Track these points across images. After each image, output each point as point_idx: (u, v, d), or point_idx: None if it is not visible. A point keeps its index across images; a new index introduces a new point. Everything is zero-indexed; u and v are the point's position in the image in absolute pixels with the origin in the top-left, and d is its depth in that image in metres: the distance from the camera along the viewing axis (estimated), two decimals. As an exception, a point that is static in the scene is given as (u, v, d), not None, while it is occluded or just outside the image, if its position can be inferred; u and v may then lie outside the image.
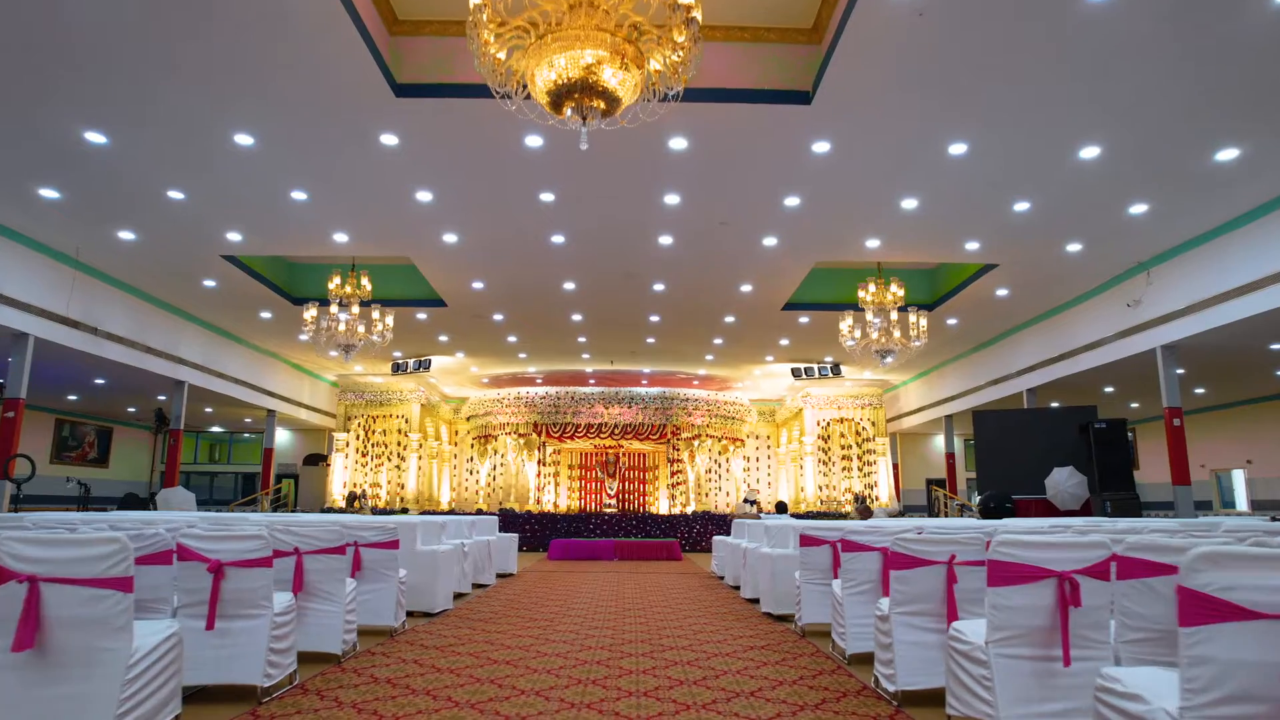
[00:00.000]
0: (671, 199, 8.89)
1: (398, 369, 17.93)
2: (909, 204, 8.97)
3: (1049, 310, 13.16)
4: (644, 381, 20.14)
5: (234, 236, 10.03)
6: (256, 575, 3.28)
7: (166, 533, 3.20)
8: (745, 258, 10.88)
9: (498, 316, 14.07)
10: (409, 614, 6.05)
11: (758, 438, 22.43)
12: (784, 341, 15.82)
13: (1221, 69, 6.16)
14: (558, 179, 8.44)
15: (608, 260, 11.06)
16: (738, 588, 8.36)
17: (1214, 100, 6.66)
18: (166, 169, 8.11)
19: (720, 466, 21.99)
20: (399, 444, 19.90)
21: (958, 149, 7.61)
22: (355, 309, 11.45)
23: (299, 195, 8.78)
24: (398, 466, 19.86)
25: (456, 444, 22.38)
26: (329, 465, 19.81)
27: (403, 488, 19.53)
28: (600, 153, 7.79)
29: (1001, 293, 12.38)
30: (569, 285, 12.19)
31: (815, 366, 17.91)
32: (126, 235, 9.91)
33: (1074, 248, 10.24)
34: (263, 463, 17.77)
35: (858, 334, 11.89)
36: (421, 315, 14.08)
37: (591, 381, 20.16)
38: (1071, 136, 7.35)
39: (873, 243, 10.30)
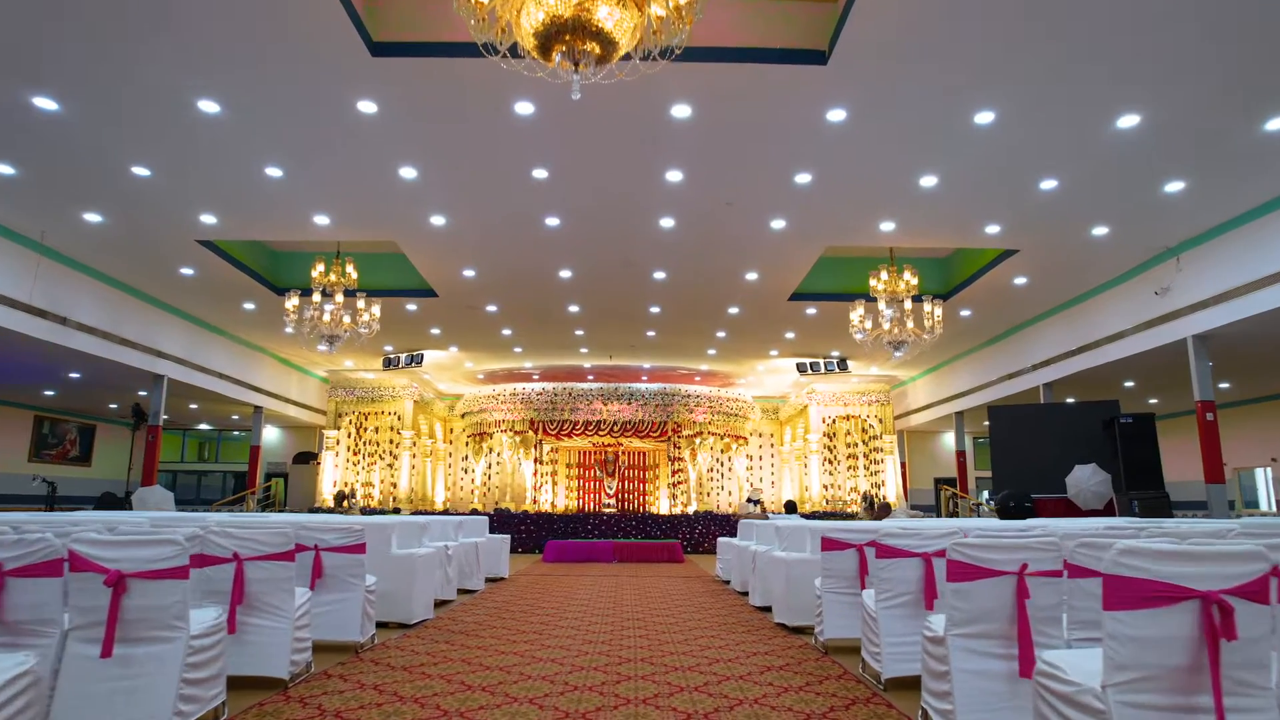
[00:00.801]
0: (674, 175, 8.27)
1: (389, 364, 17.31)
2: (928, 181, 8.36)
3: (1069, 300, 12.54)
4: (644, 378, 19.52)
5: (208, 219, 9.41)
6: (168, 589, 2.67)
7: (56, 538, 2.59)
8: (751, 242, 10.26)
9: (491, 307, 13.45)
10: (382, 625, 5.44)
11: (760, 436, 21.82)
12: (789, 335, 15.20)
13: (1275, 28, 5.55)
14: (551, 152, 7.82)
15: (605, 245, 10.44)
16: (746, 594, 7.74)
17: (1266, 63, 6.04)
18: (128, 142, 7.49)
19: (722, 465, 21.37)
20: (391, 442, 19.29)
21: (985, 117, 7.00)
22: (339, 297, 10.85)
23: (273, 171, 8.16)
24: (390, 465, 19.25)
25: (451, 442, 21.76)
26: (319, 464, 19.19)
27: (395, 487, 18.91)
28: (596, 120, 7.18)
29: (1020, 281, 11.76)
30: (565, 273, 11.58)
31: (821, 361, 17.29)
32: (93, 217, 9.29)
33: (1100, 231, 9.62)
34: (249, 461, 17.15)
35: (868, 325, 11.30)
36: (411, 306, 13.46)
37: (590, 378, 19.54)
38: (1110, 102, 6.73)
39: (887, 225, 9.68)
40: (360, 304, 11.02)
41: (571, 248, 10.48)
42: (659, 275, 11.62)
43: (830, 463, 19.79)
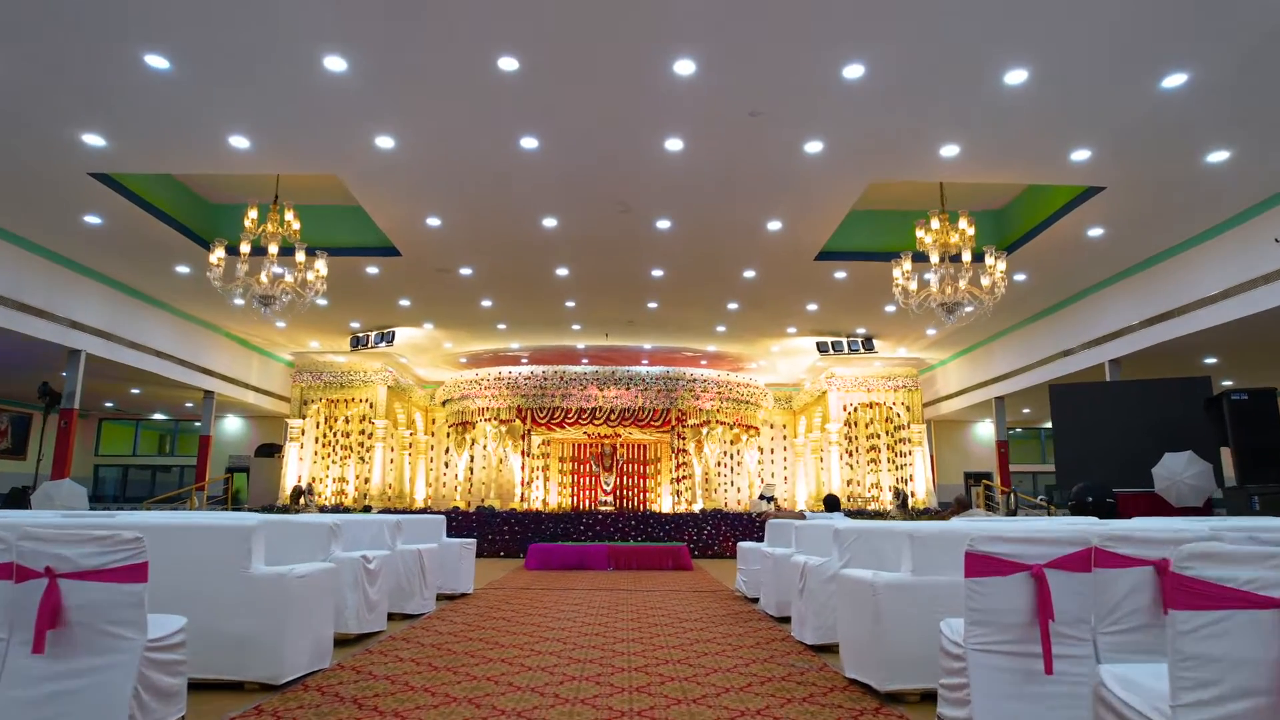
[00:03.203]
0: (684, 66, 6.29)
1: (357, 344, 15.35)
2: (1015, 77, 6.38)
3: (1150, 258, 10.56)
4: (644, 360, 17.55)
5: (94, 140, 7.44)
6: None
7: None
8: (778, 176, 8.29)
9: (465, 270, 11.48)
10: (227, 687, 3.44)
11: (773, 427, 19.84)
12: (811, 307, 13.23)
13: None
14: (524, 34, 5.84)
15: (597, 178, 8.46)
16: (784, 621, 5.78)
17: None
18: (-53, 8, 5.53)
19: (731, 459, 19.39)
20: (363, 433, 17.33)
21: (1118, -38, 5.03)
22: (274, 248, 8.89)
23: (156, 61, 6.18)
24: (362, 459, 17.30)
25: (434, 434, 19.79)
26: (283, 457, 17.22)
27: (366, 482, 16.96)
28: (579, -29, 5.21)
29: (1094, 233, 9.79)
30: (549, 221, 9.60)
31: (844, 340, 15.33)
32: (-53, 137, 7.34)
33: (1218, 157, 7.65)
34: (198, 454, 15.18)
35: (913, 285, 9.35)
36: (372, 269, 11.49)
37: (585, 361, 17.58)
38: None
39: (949, 150, 7.71)
40: (300, 257, 9.04)
41: (555, 181, 8.51)
42: (663, 224, 9.65)
43: (850, 455, 17.85)
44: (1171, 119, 6.92)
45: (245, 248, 8.74)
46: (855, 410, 17.46)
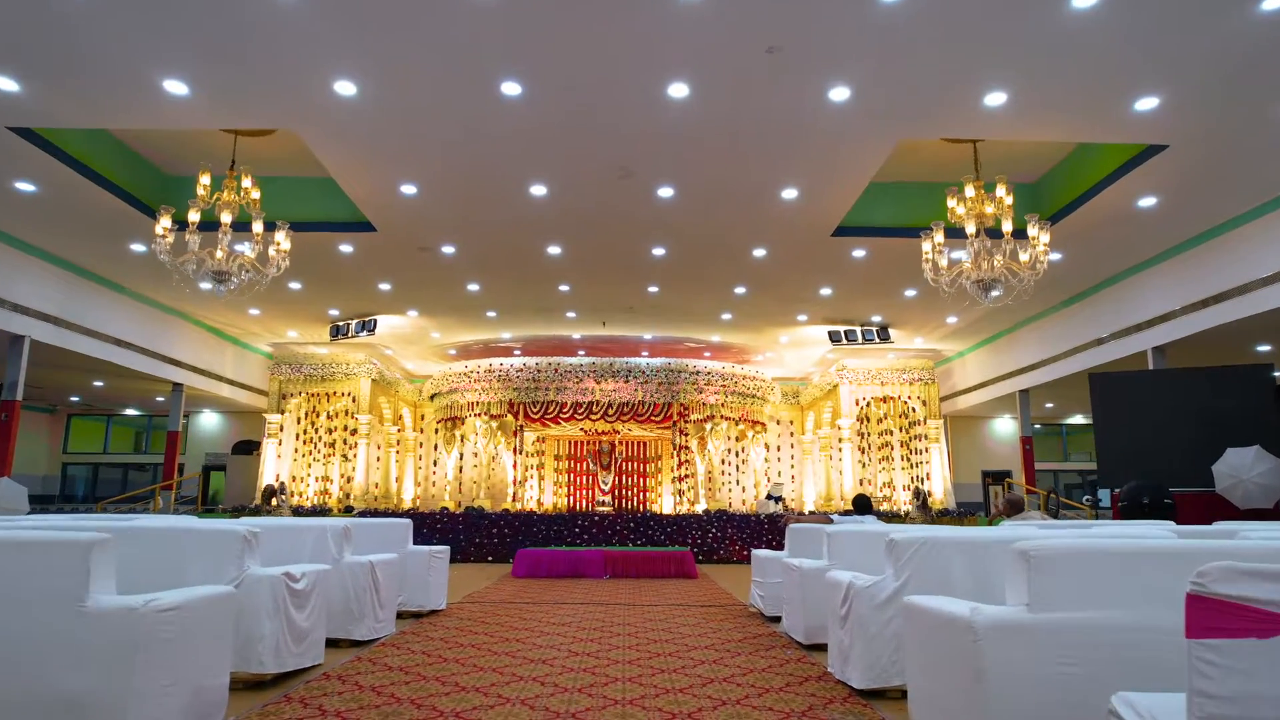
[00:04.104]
0: (691, -16, 5.28)
1: (337, 333, 14.34)
2: (1082, 1, 5.37)
3: (1204, 232, 9.54)
4: (644, 351, 16.54)
5: (7, 84, 6.43)
6: None
7: None
8: (798, 131, 7.28)
9: (448, 249, 10.46)
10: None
11: (778, 422, 18.80)
12: (825, 291, 12.21)
13: None
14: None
15: (590, 133, 7.45)
16: (814, 648, 4.77)
17: None
18: None
19: (736, 456, 18.36)
20: (346, 429, 16.32)
21: None
22: (227, 217, 7.90)
23: (60, -23, 5.18)
24: (345, 457, 16.29)
25: (423, 430, 18.76)
26: (262, 455, 16.20)
27: (350, 481, 15.95)
28: None
29: (1146, 203, 8.78)
30: (539, 189, 8.59)
31: (859, 329, 14.32)
32: None
33: (1305, 107, 6.65)
34: (166, 451, 14.16)
35: (944, 261, 8.36)
36: (346, 247, 10.48)
37: (581, 352, 16.56)
38: None
39: (995, 97, 6.68)
40: (257, 227, 8.03)
41: (543, 137, 7.48)
42: (665, 192, 8.63)
43: (862, 452, 16.84)
44: (1260, 54, 5.91)
45: (195, 216, 7.76)
46: (868, 405, 16.43)
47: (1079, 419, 19.31)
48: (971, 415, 18.29)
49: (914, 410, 16.33)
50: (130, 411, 18.53)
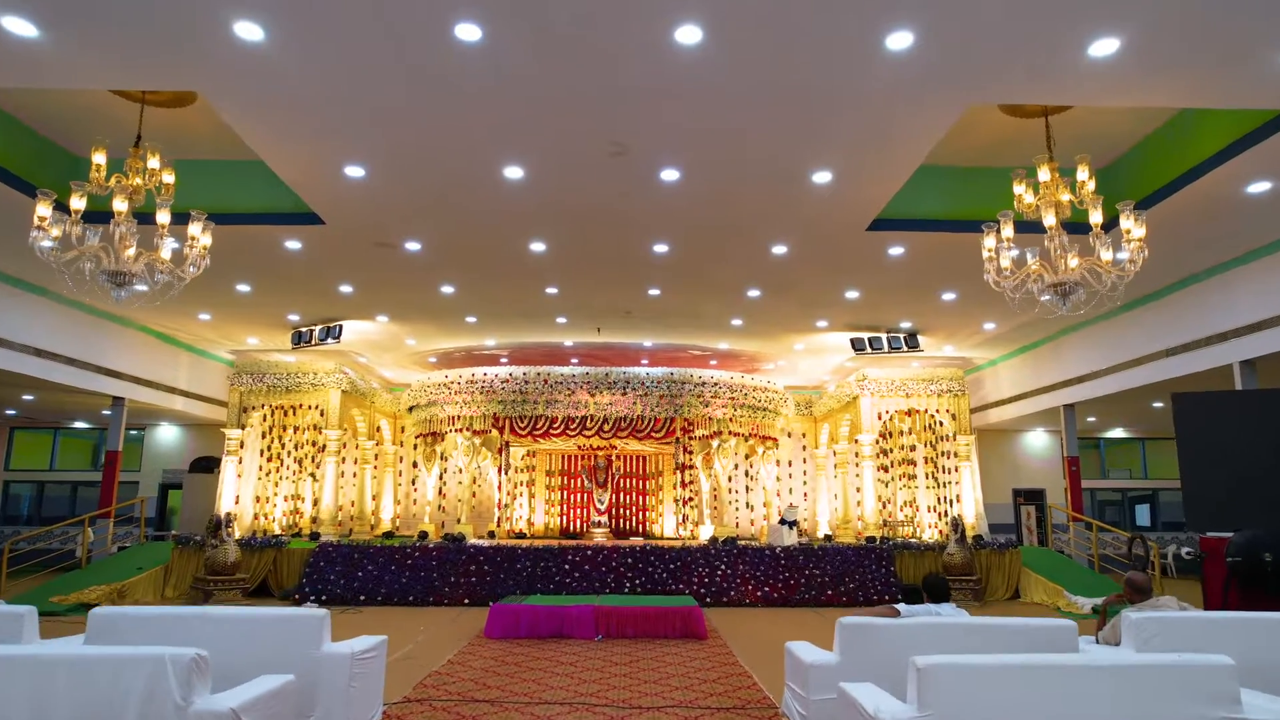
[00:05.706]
0: None
1: (298, 339, 12.76)
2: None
3: (1317, 225, 7.98)
4: (644, 360, 14.95)
5: None
6: None
7: None
8: (840, 91, 5.69)
9: (412, 245, 8.88)
10: None
11: (790, 435, 17.20)
12: (852, 294, 10.63)
13: None
14: None
15: (575, 90, 5.86)
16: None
17: None
18: None
19: (745, 474, 16.76)
20: (314, 444, 14.75)
21: None
22: (121, 204, 6.35)
23: None
24: (314, 476, 14.72)
25: (402, 444, 17.16)
26: (220, 474, 14.60)
27: (317, 504, 14.36)
28: None
29: (1258, 189, 7.21)
30: (515, 172, 7.00)
31: (884, 336, 12.76)
32: None
33: None
34: (104, 472, 12.57)
35: (1005, 261, 6.79)
36: (292, 243, 8.90)
37: (574, 361, 14.98)
38: None
39: (1104, 45, 5.10)
40: (162, 217, 6.46)
41: (516, 107, 5.89)
42: (669, 175, 7.04)
43: (884, 470, 15.27)
44: None
45: (79, 203, 6.20)
46: (891, 418, 14.84)
47: (1119, 433, 17.73)
48: (1000, 429, 16.73)
49: (941, 425, 14.73)
50: (80, 425, 16.92)
